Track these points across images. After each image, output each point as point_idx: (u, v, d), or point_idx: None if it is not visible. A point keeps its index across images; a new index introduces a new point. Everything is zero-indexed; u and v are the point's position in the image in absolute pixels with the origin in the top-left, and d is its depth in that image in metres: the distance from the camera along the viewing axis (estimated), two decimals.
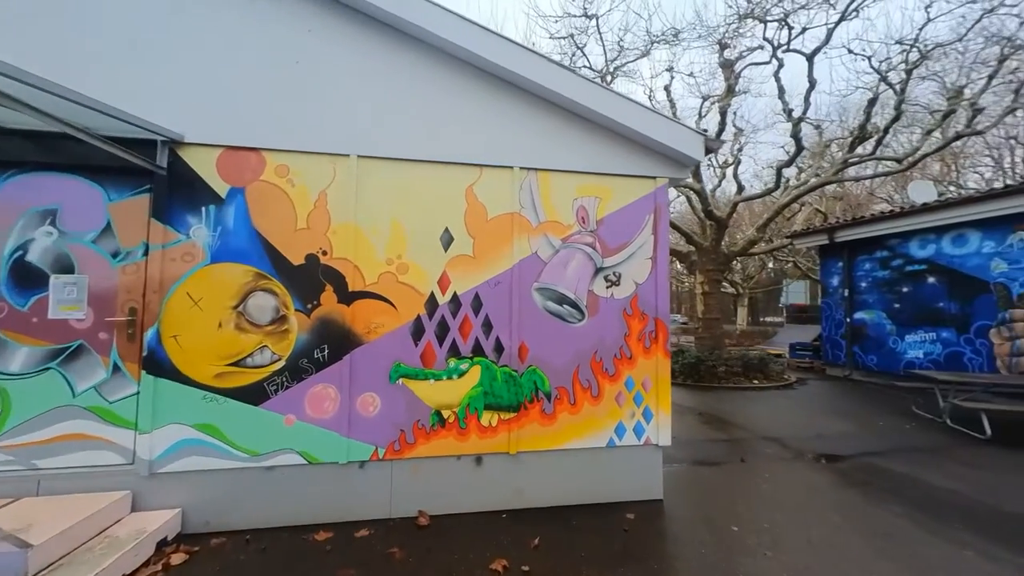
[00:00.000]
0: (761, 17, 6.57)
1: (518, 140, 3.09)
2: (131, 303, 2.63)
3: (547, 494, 3.02)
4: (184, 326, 2.62)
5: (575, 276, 3.14)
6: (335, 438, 2.74)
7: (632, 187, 3.26)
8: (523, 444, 2.98)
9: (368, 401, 2.81)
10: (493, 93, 3.06)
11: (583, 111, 3.10)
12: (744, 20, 6.73)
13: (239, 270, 2.71)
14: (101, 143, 2.27)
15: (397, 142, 2.92)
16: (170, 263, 2.62)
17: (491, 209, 3.04)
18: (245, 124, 2.73)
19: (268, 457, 2.67)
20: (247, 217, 2.73)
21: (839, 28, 6.15)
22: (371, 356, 2.83)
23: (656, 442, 3.16)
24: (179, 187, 2.66)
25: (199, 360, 2.63)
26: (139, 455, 2.52)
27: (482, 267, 3.01)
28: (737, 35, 7.00)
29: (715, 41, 7.28)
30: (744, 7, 6.56)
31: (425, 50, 2.98)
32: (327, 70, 2.87)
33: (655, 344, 3.21)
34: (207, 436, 2.61)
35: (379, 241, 2.88)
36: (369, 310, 2.84)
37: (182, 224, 2.66)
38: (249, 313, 2.69)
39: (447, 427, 2.90)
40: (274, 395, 2.70)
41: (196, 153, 2.69)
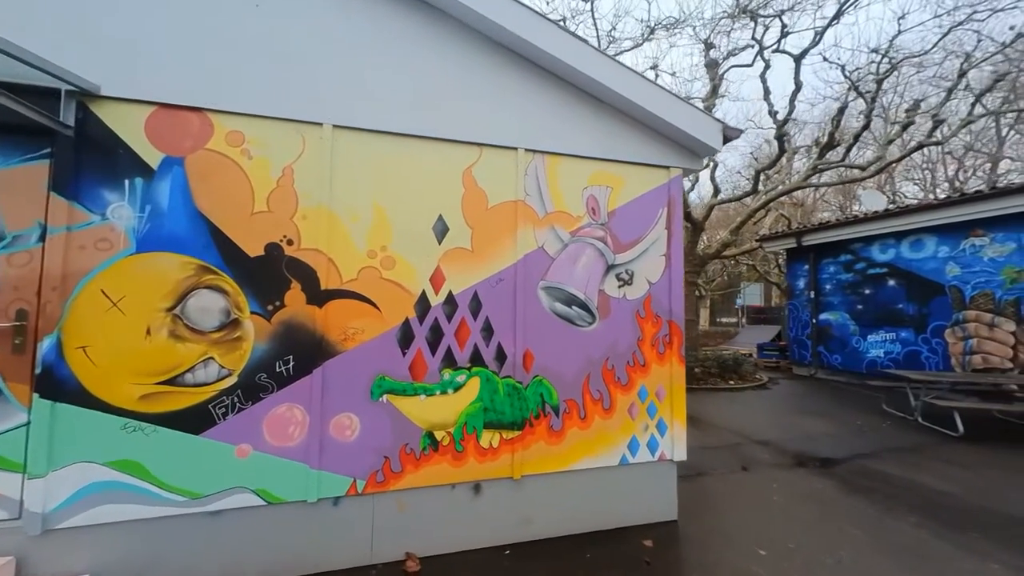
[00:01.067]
0: (755, 12, 6.62)
1: (523, 118, 2.70)
2: (19, 304, 1.97)
3: (555, 522, 2.65)
4: (97, 334, 2.00)
5: (585, 274, 2.80)
6: (302, 471, 2.22)
7: (645, 177, 2.97)
8: (528, 467, 2.59)
9: (344, 423, 2.31)
10: (496, 61, 2.66)
11: (595, 89, 2.76)
12: (739, 15, 6.75)
13: (176, 262, 2.12)
14: None
15: (382, 112, 2.44)
16: (78, 252, 2.00)
17: (492, 196, 2.64)
18: (186, 77, 2.15)
19: (213, 499, 2.10)
20: (187, 195, 2.15)
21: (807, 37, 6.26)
22: (348, 368, 2.33)
23: (671, 457, 2.88)
24: (92, 153, 2.04)
25: (118, 378, 2.02)
26: (28, 507, 1.87)
27: (482, 262, 2.59)
28: (728, 31, 7.04)
29: (702, 40, 7.32)
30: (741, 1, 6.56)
31: (415, 5, 2.54)
32: (297, 19, 2.34)
33: (669, 349, 2.93)
34: (127, 476, 2.00)
35: (359, 229, 2.39)
36: (346, 312, 2.34)
37: (96, 201, 2.04)
38: (189, 316, 2.12)
39: (441, 451, 2.45)
40: (222, 420, 2.14)
41: (117, 110, 2.08)
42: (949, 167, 14.79)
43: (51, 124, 1.90)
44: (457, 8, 2.50)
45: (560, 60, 2.61)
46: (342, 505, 2.30)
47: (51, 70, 1.78)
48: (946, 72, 7.71)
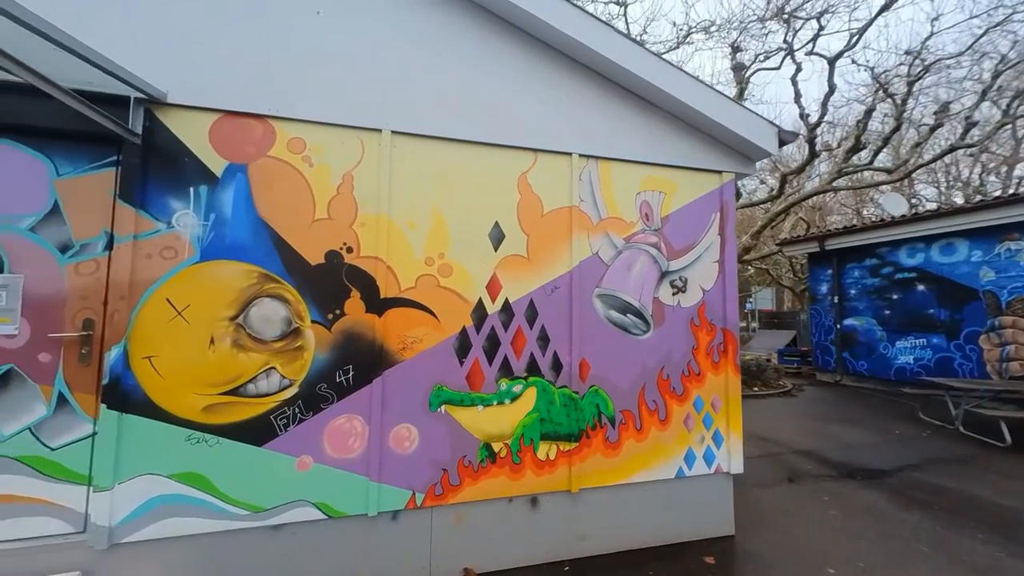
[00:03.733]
0: (792, 14, 6.56)
1: (576, 123, 2.66)
2: (86, 313, 1.95)
3: (612, 538, 2.57)
4: (162, 344, 1.98)
5: (639, 281, 2.74)
6: (362, 483, 2.17)
7: (697, 182, 2.91)
8: (586, 480, 2.51)
9: (403, 435, 2.26)
10: (549, 65, 2.62)
11: (648, 92, 2.72)
12: (773, 18, 6.70)
13: (239, 270, 2.10)
14: (69, 97, 1.63)
15: (438, 117, 2.41)
16: (144, 260, 1.98)
17: (547, 202, 2.59)
18: (249, 84, 2.14)
19: (275, 513, 2.06)
20: (250, 202, 2.13)
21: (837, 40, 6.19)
22: (407, 378, 2.28)
23: (728, 470, 2.79)
24: (158, 161, 2.03)
25: (182, 388, 1.99)
26: (95, 520, 1.84)
27: (537, 269, 2.54)
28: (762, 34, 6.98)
29: (729, 44, 7.28)
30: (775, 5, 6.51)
31: (471, 10, 2.52)
32: (356, 26, 2.33)
33: (724, 358, 2.86)
34: (192, 489, 1.97)
35: (417, 237, 2.35)
36: (405, 321, 2.30)
37: (161, 209, 2.02)
38: (252, 326, 2.09)
39: (498, 463, 2.39)
40: (284, 431, 2.10)
41: (183, 118, 2.07)
42: (965, 169, 14.52)
43: (122, 132, 1.89)
44: (512, 12, 2.47)
45: (614, 63, 2.57)
46: (401, 519, 2.25)
47: (128, 78, 1.77)
48: (976, 74, 7.57)
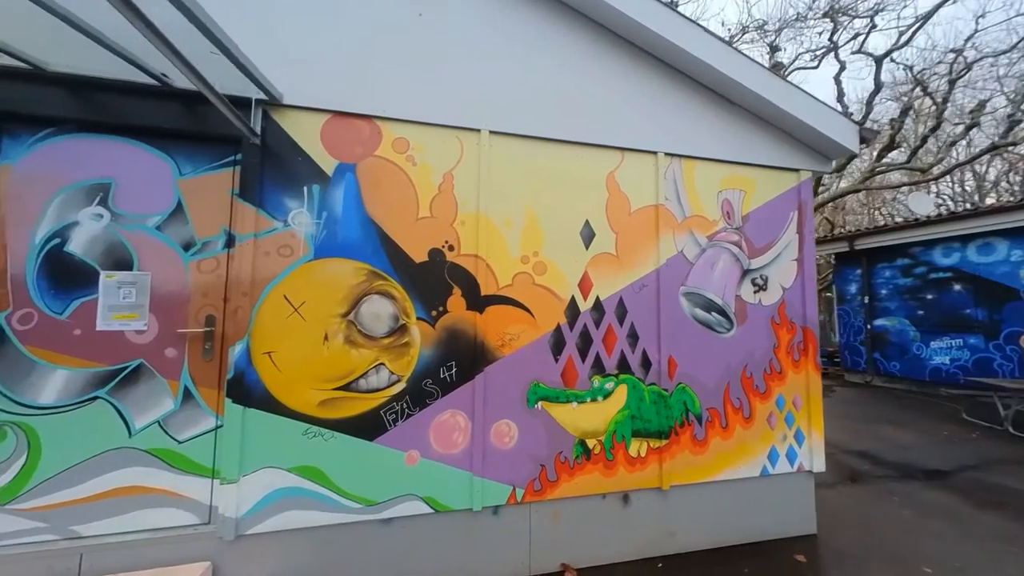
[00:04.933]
0: (841, 12, 6.52)
1: (661, 121, 2.67)
2: (208, 310, 2.00)
3: (700, 535, 2.58)
4: (281, 339, 2.02)
5: (722, 279, 2.75)
6: (466, 478, 2.20)
7: (775, 180, 2.91)
8: (675, 477, 2.52)
9: (503, 430, 2.29)
10: (635, 64, 2.64)
11: (730, 90, 2.72)
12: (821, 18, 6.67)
13: (349, 268, 2.14)
14: (218, 101, 1.66)
15: (532, 117, 2.43)
16: (263, 258, 2.02)
17: (634, 200, 2.60)
18: (356, 85, 2.18)
19: (386, 506, 2.09)
20: (359, 201, 2.17)
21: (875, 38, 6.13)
22: (505, 375, 2.31)
23: (809, 468, 2.78)
24: (274, 161, 2.07)
25: (300, 383, 2.03)
26: (222, 512, 1.88)
27: (626, 267, 2.56)
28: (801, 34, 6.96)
29: (767, 43, 7.25)
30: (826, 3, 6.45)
31: (560, 10, 2.54)
32: (456, 28, 2.36)
33: (805, 357, 2.85)
34: (309, 483, 2.01)
35: (512, 235, 2.38)
36: (503, 318, 2.33)
37: (278, 208, 2.07)
38: (362, 322, 2.12)
39: (593, 459, 2.41)
40: (392, 426, 2.13)
41: (297, 118, 2.11)
42: (992, 169, 14.31)
43: (247, 132, 1.93)
44: (604, 11, 2.49)
45: (702, 61, 2.58)
46: (502, 514, 2.27)
47: (261, 80, 1.81)
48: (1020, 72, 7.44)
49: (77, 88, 1.88)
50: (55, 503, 1.78)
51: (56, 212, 1.87)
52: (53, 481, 1.79)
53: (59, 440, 1.81)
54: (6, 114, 1.83)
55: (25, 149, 1.86)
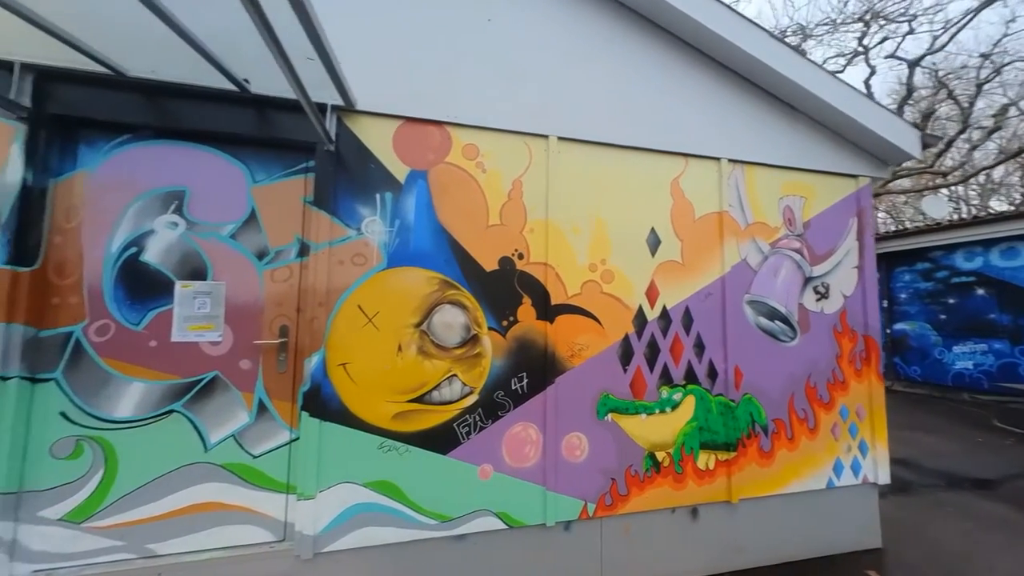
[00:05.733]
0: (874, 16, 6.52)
1: (723, 127, 2.63)
2: (282, 320, 1.95)
3: (767, 550, 2.51)
4: (355, 351, 1.97)
5: (785, 287, 2.70)
6: (539, 493, 2.14)
7: (835, 186, 2.87)
8: (743, 490, 2.46)
9: (574, 443, 2.23)
10: (698, 70, 2.60)
11: (792, 95, 2.68)
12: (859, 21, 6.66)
13: (422, 277, 2.09)
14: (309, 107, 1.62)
15: (598, 123, 2.39)
16: (337, 267, 1.97)
17: (698, 207, 2.56)
18: (427, 91, 2.14)
19: (461, 522, 2.03)
20: (430, 208, 2.12)
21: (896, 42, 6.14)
22: (575, 386, 2.26)
23: (874, 480, 2.72)
24: (347, 168, 2.03)
25: (374, 396, 1.98)
26: (298, 529, 1.82)
27: (691, 275, 2.51)
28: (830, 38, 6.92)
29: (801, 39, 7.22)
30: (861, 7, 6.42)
31: (627, 16, 2.50)
32: (524, 34, 2.31)
33: (867, 366, 2.80)
34: (385, 498, 1.95)
35: (580, 243, 2.34)
36: (572, 328, 2.28)
37: (351, 216, 2.02)
38: (435, 333, 2.08)
39: (662, 472, 2.35)
40: (466, 439, 2.08)
41: (369, 125, 2.07)
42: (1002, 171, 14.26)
43: (325, 139, 1.89)
44: (668, 16, 2.45)
45: (766, 66, 2.54)
46: (573, 529, 2.21)
47: (346, 86, 1.77)
48: None
49: (153, 94, 1.84)
50: (132, 520, 1.73)
51: (132, 220, 1.82)
52: (130, 498, 1.73)
53: (136, 455, 1.76)
54: (84, 120, 1.79)
55: (102, 156, 1.82)
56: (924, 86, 7.58)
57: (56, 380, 1.71)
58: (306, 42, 1.44)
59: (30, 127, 1.69)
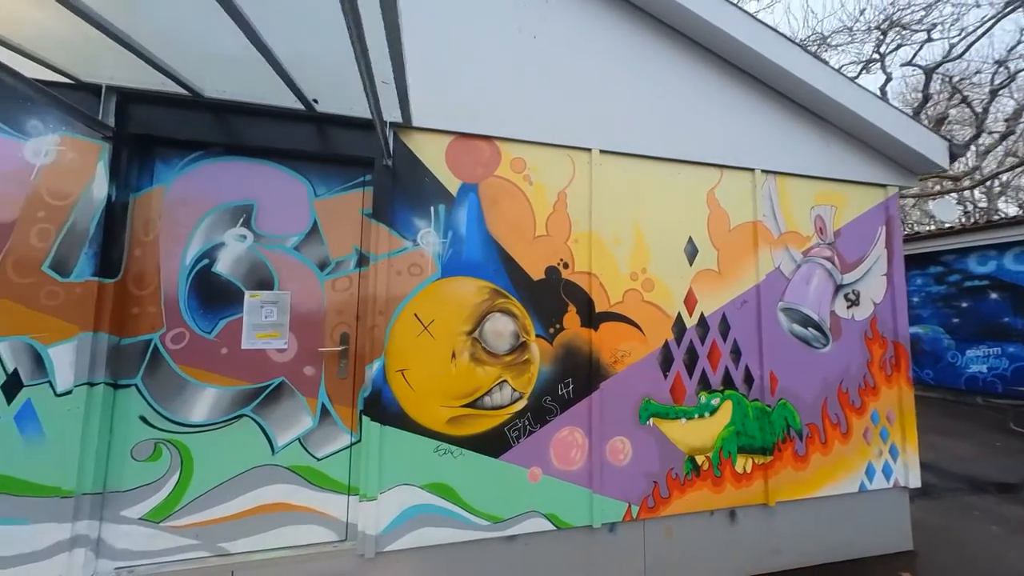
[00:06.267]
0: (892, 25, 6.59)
1: (756, 138, 2.71)
2: (343, 328, 2.04)
3: (802, 552, 2.57)
4: (412, 357, 2.05)
5: (817, 295, 2.76)
6: (585, 495, 2.21)
7: (864, 196, 2.94)
8: (780, 493, 2.52)
9: (618, 447, 2.30)
10: (732, 84, 2.68)
11: (824, 107, 2.75)
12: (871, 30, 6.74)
13: (473, 286, 2.17)
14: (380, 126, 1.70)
15: (638, 136, 2.47)
16: (395, 277, 2.06)
17: (733, 217, 2.63)
18: (477, 107, 2.23)
19: (511, 524, 2.11)
20: (481, 220, 2.21)
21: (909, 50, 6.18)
22: (619, 391, 2.33)
23: (905, 483, 2.78)
24: (403, 181, 2.12)
25: (430, 401, 2.06)
26: (361, 529, 1.90)
27: (727, 284, 2.58)
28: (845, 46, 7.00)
29: None
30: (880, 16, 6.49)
31: (663, 31, 2.58)
32: (566, 49, 2.39)
33: (897, 371, 2.86)
34: (441, 500, 2.03)
35: (622, 252, 2.41)
36: (615, 335, 2.35)
37: (408, 228, 2.11)
38: (486, 340, 2.15)
39: (702, 476, 2.41)
40: (516, 443, 2.15)
41: (423, 140, 2.16)
42: None
43: (385, 154, 1.98)
44: (707, 31, 2.53)
45: (799, 79, 2.61)
46: (618, 531, 2.28)
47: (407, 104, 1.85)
48: None
49: (224, 113, 1.93)
50: (206, 520, 1.81)
51: (204, 233, 1.91)
52: (204, 498, 1.82)
53: (209, 457, 1.84)
54: (160, 139, 1.88)
55: (176, 172, 1.91)
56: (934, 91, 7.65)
57: (136, 386, 1.80)
58: (383, 66, 1.52)
59: (113, 146, 1.78)
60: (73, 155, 1.74)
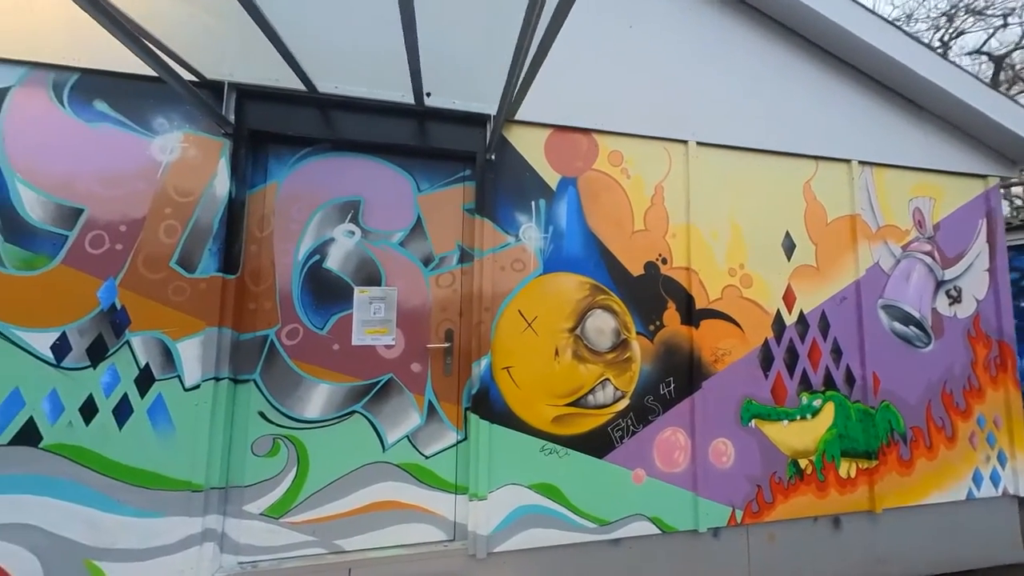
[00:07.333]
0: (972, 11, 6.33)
1: (852, 129, 2.59)
2: (447, 324, 2.01)
3: (907, 562, 2.43)
4: (517, 355, 2.01)
5: (917, 291, 2.63)
6: (689, 498, 2.13)
7: (963, 187, 2.79)
8: (885, 500, 2.40)
9: (720, 449, 2.22)
10: (828, 73, 2.57)
11: (922, 94, 2.62)
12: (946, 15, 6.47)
13: (574, 282, 2.12)
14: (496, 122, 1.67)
15: (733, 127, 2.39)
16: (499, 273, 2.02)
17: (829, 210, 2.52)
18: (575, 100, 2.18)
19: (616, 526, 2.04)
20: (580, 214, 2.16)
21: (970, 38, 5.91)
22: (719, 391, 2.24)
23: (1015, 492, 2.61)
24: (504, 176, 2.08)
25: (535, 399, 2.02)
26: (472, 528, 1.86)
27: (826, 280, 2.47)
28: None
29: None
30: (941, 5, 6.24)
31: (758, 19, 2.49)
32: (661, 38, 2.33)
33: (1003, 372, 2.69)
34: (547, 500, 1.98)
35: (719, 247, 2.33)
36: (715, 332, 2.27)
37: (510, 223, 2.07)
38: (588, 337, 2.10)
39: (805, 480, 2.31)
40: (619, 444, 2.09)
41: (523, 134, 2.12)
42: None
43: (491, 148, 1.95)
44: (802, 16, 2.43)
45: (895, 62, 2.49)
46: (721, 536, 2.19)
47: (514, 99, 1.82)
48: None
49: (333, 108, 1.93)
50: (322, 517, 1.80)
51: (315, 229, 1.91)
52: (320, 495, 1.81)
53: (324, 454, 1.83)
54: (275, 136, 1.89)
55: (288, 169, 1.92)
56: None
57: (255, 381, 1.81)
58: None
59: (233, 143, 1.80)
60: (196, 152, 1.76)
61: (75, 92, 1.70)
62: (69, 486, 1.55)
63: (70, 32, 1.70)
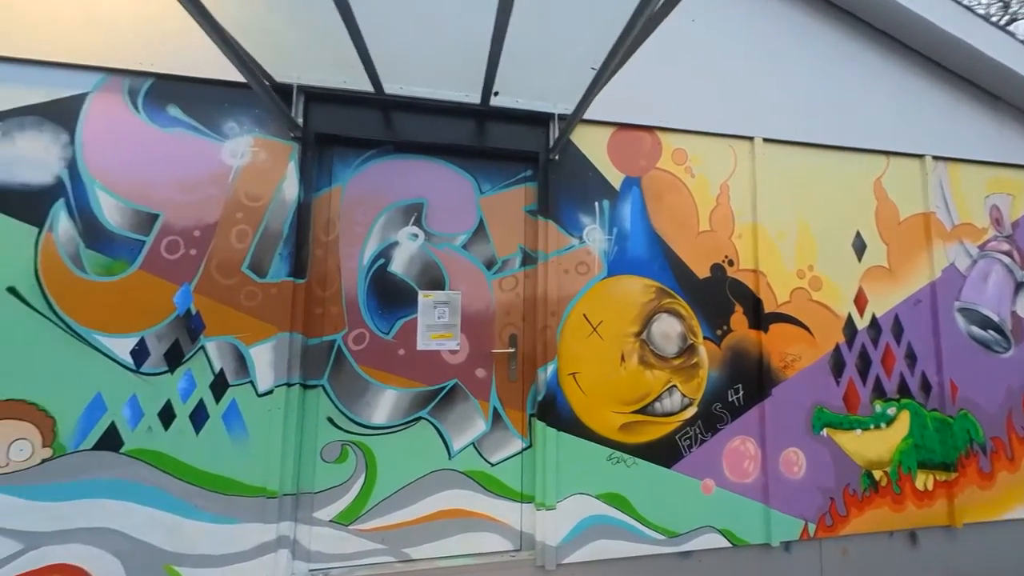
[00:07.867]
0: None
1: (924, 123, 2.46)
2: (511, 329, 1.97)
3: None
4: (582, 360, 1.95)
5: (996, 293, 2.48)
6: (760, 510, 2.05)
7: None
8: (965, 514, 2.27)
9: (791, 459, 2.13)
10: (898, 65, 2.45)
11: (992, 82, 2.48)
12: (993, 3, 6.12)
13: (639, 285, 2.06)
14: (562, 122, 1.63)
15: (799, 122, 2.29)
16: (563, 276, 1.97)
17: (902, 208, 2.40)
18: (637, 97, 2.11)
19: (686, 539, 1.97)
20: (644, 215, 2.09)
21: None
22: (790, 399, 2.15)
23: None
24: (566, 176, 2.03)
25: (601, 406, 1.96)
26: (540, 539, 1.82)
27: (899, 282, 2.35)
28: None
29: None
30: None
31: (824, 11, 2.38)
32: (725, 31, 2.25)
33: None
34: (615, 510, 1.92)
35: (786, 248, 2.24)
36: (783, 337, 2.18)
37: (573, 224, 2.02)
38: (654, 342, 2.04)
39: (880, 492, 2.20)
40: (688, 453, 2.02)
41: (585, 133, 2.06)
42: None
43: (555, 148, 1.90)
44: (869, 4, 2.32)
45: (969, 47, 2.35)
46: (793, 550, 2.10)
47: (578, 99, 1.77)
48: None
49: (396, 110, 1.91)
50: (391, 524, 1.77)
51: (380, 232, 1.89)
52: (388, 502, 1.78)
53: (391, 460, 1.81)
54: (339, 138, 1.88)
55: (352, 171, 1.90)
56: None
57: (323, 386, 1.79)
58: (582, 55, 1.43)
59: (301, 146, 1.79)
60: (266, 156, 1.75)
61: (149, 97, 1.71)
62: (150, 491, 1.56)
63: (143, 38, 1.71)
